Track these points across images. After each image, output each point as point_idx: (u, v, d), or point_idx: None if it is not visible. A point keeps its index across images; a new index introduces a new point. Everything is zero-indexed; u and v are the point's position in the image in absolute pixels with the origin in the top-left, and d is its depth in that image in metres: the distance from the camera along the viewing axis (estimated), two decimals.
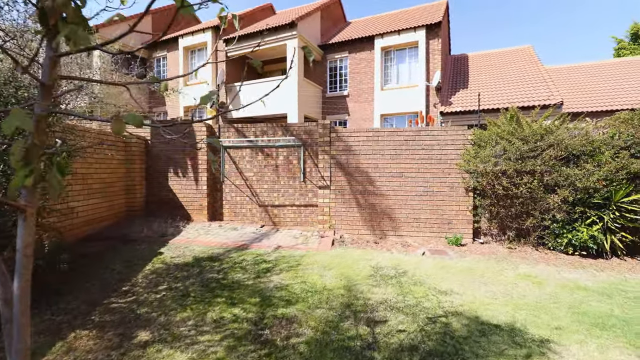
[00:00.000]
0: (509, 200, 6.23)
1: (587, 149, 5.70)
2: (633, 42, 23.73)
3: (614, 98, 13.01)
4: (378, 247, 6.28)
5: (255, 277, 4.58)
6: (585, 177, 5.55)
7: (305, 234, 6.99)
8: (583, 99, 13.80)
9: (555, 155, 5.75)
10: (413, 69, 14.67)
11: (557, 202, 5.78)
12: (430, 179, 6.87)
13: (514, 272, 5.07)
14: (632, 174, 5.46)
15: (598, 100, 13.11)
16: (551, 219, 5.97)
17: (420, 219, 6.91)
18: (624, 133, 5.67)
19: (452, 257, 5.72)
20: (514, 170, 5.89)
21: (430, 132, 6.89)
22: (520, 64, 15.33)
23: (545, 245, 6.25)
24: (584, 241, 5.72)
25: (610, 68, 15.74)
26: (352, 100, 15.94)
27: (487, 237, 6.81)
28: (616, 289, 4.47)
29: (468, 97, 13.83)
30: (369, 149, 7.10)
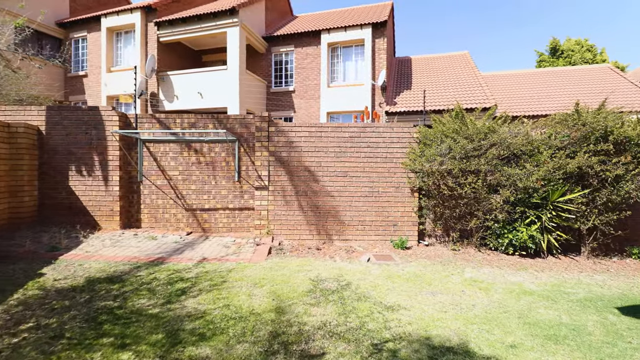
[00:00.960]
0: (454, 201, 6.04)
1: (527, 148, 5.69)
2: (552, 56, 26.60)
3: (538, 104, 14.10)
4: (320, 255, 5.65)
5: (165, 302, 3.64)
6: (525, 176, 5.51)
7: (239, 242, 6.12)
8: (512, 104, 14.78)
9: (498, 155, 5.65)
10: (359, 67, 14.47)
11: (499, 202, 5.69)
12: (376, 179, 6.45)
13: (461, 277, 4.79)
14: (567, 174, 5.55)
15: (525, 106, 14.10)
16: (493, 219, 5.89)
17: (365, 221, 6.45)
18: (560, 133, 5.77)
19: (398, 263, 5.31)
20: (459, 169, 5.69)
21: (376, 129, 6.47)
22: (458, 69, 15.99)
23: (487, 246, 6.18)
24: (524, 241, 5.71)
25: (533, 77, 17.17)
26: (298, 97, 15.28)
27: (431, 238, 6.59)
28: (558, 292, 4.37)
29: (412, 98, 13.99)
30: (312, 146, 6.46)
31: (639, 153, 5.31)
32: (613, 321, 3.53)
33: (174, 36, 14.03)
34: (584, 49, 25.39)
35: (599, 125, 5.34)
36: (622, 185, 5.37)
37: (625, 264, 6.03)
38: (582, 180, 5.72)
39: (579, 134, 5.54)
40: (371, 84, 13.75)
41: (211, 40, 15.17)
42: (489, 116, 6.09)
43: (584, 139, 5.55)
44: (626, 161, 5.26)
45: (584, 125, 5.51)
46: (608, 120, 5.33)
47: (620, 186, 5.39)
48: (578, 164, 5.35)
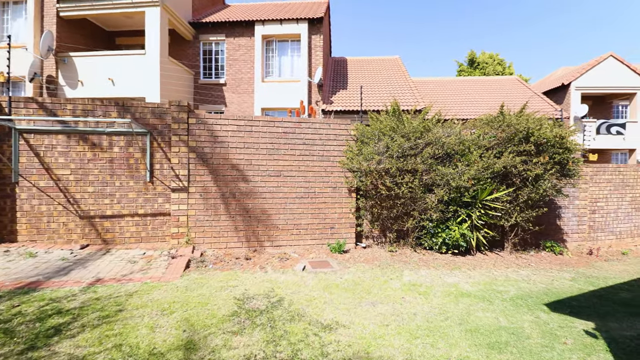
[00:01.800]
0: (391, 201, 5.85)
1: (459, 148, 5.75)
2: (469, 66, 29.42)
3: (461, 109, 15.20)
4: (250, 266, 4.95)
5: (26, 348, 2.62)
6: (458, 176, 5.54)
7: (151, 255, 5.10)
8: (438, 108, 15.73)
9: (433, 154, 5.60)
10: (296, 63, 13.97)
11: (434, 201, 5.64)
12: (312, 179, 5.97)
13: (400, 281, 4.54)
14: (495, 173, 5.72)
15: (450, 110, 15.08)
16: (428, 218, 5.84)
17: (301, 225, 5.93)
18: (488, 134, 5.96)
19: (336, 270, 4.89)
20: (396, 168, 5.50)
21: (312, 125, 5.99)
22: (391, 72, 16.51)
23: (422, 246, 6.13)
24: (456, 240, 5.76)
25: (456, 84, 18.58)
26: (230, 90, 14.18)
27: (369, 240, 6.34)
28: (492, 291, 4.36)
29: (348, 97, 13.95)
30: (241, 142, 5.72)
31: (555, 154, 5.71)
32: (545, 320, 3.54)
33: (78, 11, 11.87)
34: (496, 62, 28.58)
35: (522, 127, 5.62)
36: (541, 184, 5.72)
37: (541, 256, 6.50)
38: (507, 179, 5.98)
39: (504, 134, 5.77)
40: (308, 80, 13.34)
41: (127, 21, 13.26)
42: (423, 116, 6.04)
43: (508, 139, 5.80)
44: (544, 161, 5.61)
45: (509, 127, 5.75)
46: (530, 123, 5.63)
47: (539, 185, 5.74)
48: (504, 163, 5.54)
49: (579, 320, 3.60)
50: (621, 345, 3.04)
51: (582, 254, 7.17)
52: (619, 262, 6.79)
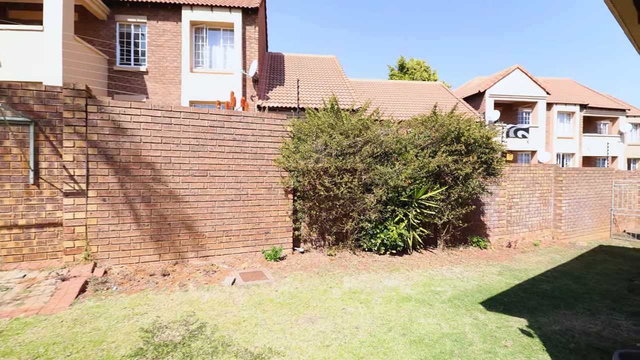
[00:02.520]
0: (330, 202, 5.54)
1: (397, 147, 5.67)
2: (400, 71, 31.11)
3: (393, 110, 15.76)
4: (167, 283, 4.18)
5: None
6: (396, 175, 5.45)
7: (33, 277, 4.00)
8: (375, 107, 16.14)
9: (372, 153, 5.42)
10: (229, 54, 13.01)
11: (373, 201, 5.48)
12: (244, 179, 5.37)
13: (340, 289, 4.23)
14: (429, 172, 5.77)
15: (385, 111, 15.56)
16: (367, 219, 5.67)
17: (231, 231, 5.28)
18: (423, 133, 6.00)
19: (271, 281, 4.39)
20: (335, 167, 5.19)
21: (244, 118, 5.38)
22: (328, 71, 16.45)
23: (361, 247, 5.95)
24: (394, 240, 5.68)
25: (389, 86, 19.33)
26: (152, 79, 12.64)
27: (307, 244, 5.96)
28: (431, 292, 4.30)
29: (285, 94, 13.46)
30: (158, 136, 4.86)
31: (482, 154, 5.99)
32: (483, 321, 3.51)
33: None
34: (422, 68, 30.68)
35: (454, 127, 5.76)
36: (470, 182, 5.94)
37: (469, 252, 6.82)
38: (439, 178, 6.11)
39: (438, 134, 5.86)
40: (242, 74, 12.51)
41: None
42: (361, 113, 5.85)
43: (441, 139, 5.92)
44: (473, 161, 5.83)
45: (442, 126, 5.86)
46: (460, 123, 5.80)
47: (469, 183, 5.96)
48: (438, 162, 5.62)
49: (513, 317, 3.66)
50: (554, 342, 3.10)
51: (502, 247, 7.74)
52: (533, 253, 7.48)
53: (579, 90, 24.10)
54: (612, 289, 5.04)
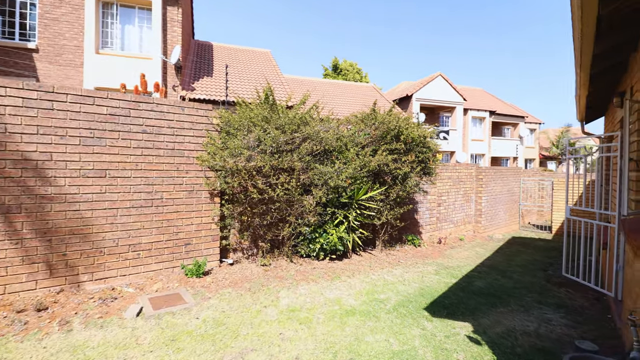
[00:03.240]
0: (264, 206, 4.90)
1: (337, 144, 5.28)
2: (334, 72, 31.50)
3: (329, 108, 15.65)
4: (41, 323, 3.10)
5: None
6: (336, 175, 5.05)
7: None
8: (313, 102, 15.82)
9: (311, 150, 4.93)
10: (146, 35, 11.35)
11: (312, 204, 5.00)
12: (159, 181, 4.43)
13: (276, 308, 3.64)
14: (370, 172, 5.51)
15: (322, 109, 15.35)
16: (305, 223, 5.17)
17: (140, 244, 4.30)
18: (363, 131, 5.72)
19: (191, 306, 3.59)
20: (270, 167, 4.57)
21: (158, 107, 4.43)
22: (261, 65, 15.62)
23: (299, 254, 5.44)
24: (334, 244, 5.29)
25: (324, 85, 19.23)
26: (45, 60, 10.39)
27: (237, 253, 5.23)
28: (375, 301, 3.97)
29: (213, 86, 12.31)
30: (33, 125, 3.67)
31: (420, 153, 5.94)
32: (431, 331, 3.27)
33: None
34: (355, 70, 31.52)
35: (393, 125, 5.59)
36: (408, 182, 5.85)
37: (405, 251, 6.80)
38: (379, 177, 5.90)
39: (378, 132, 5.63)
40: (162, 59, 11.02)
41: None
42: (299, 106, 5.33)
43: (381, 137, 5.71)
44: (411, 160, 5.74)
45: (382, 124, 5.65)
46: (400, 122, 5.66)
47: (407, 183, 5.86)
48: (378, 161, 5.38)
49: (458, 322, 3.50)
50: (502, 349, 2.97)
51: (434, 243, 7.96)
52: (460, 248, 7.82)
53: (488, 98, 27.15)
54: (534, 280, 5.37)
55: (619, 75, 4.05)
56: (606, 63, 3.43)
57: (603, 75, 3.91)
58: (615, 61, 3.48)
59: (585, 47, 2.74)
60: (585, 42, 2.62)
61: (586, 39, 2.60)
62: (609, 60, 3.40)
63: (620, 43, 3.07)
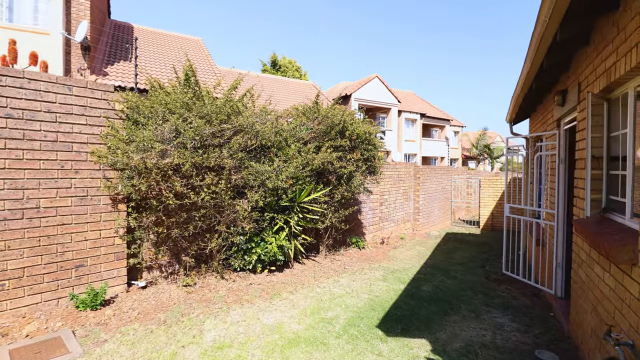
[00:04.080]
0: (186, 214, 3.99)
1: (276, 139, 4.58)
2: (272, 68, 30.47)
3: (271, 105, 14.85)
4: None
5: None
6: (275, 174, 4.36)
7: None
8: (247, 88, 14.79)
9: (245, 145, 4.16)
10: (42, 6, 9.25)
11: (246, 209, 4.23)
12: (32, 184, 3.26)
13: (199, 348, 2.83)
14: (313, 171, 4.92)
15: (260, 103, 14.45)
16: (239, 232, 4.39)
17: (5, 271, 3.11)
18: (305, 125, 5.11)
19: (75, 356, 2.60)
20: (192, 165, 3.69)
21: (31, 83, 3.25)
22: (192, 54, 14.10)
23: (231, 267, 4.63)
24: (274, 254, 4.60)
25: (264, 80, 18.30)
26: None
27: (153, 272, 4.22)
28: (322, 321, 3.39)
29: (132, 72, 10.62)
30: None
31: (365, 150, 5.54)
32: (387, 355, 2.79)
33: None
34: (294, 68, 30.94)
35: (338, 119, 5.09)
36: (353, 181, 5.42)
37: (350, 254, 6.39)
38: (322, 177, 5.37)
39: (321, 127, 5.08)
40: (63, 36, 9.08)
41: None
42: (229, 92, 4.50)
43: (325, 133, 5.17)
44: (357, 158, 5.31)
45: (326, 118, 5.11)
46: (346, 116, 5.18)
47: (352, 182, 5.42)
48: (322, 159, 4.83)
49: (414, 340, 3.10)
50: None
51: (377, 244, 7.74)
52: (403, 247, 7.72)
53: (419, 101, 28.82)
54: (475, 279, 5.34)
55: (557, 75, 4.08)
56: (556, 57, 3.33)
57: (546, 73, 3.88)
58: (560, 57, 3.42)
59: (549, 31, 2.50)
60: (551, 23, 2.36)
61: (553, 21, 2.35)
62: (558, 55, 3.30)
63: (569, 37, 2.95)
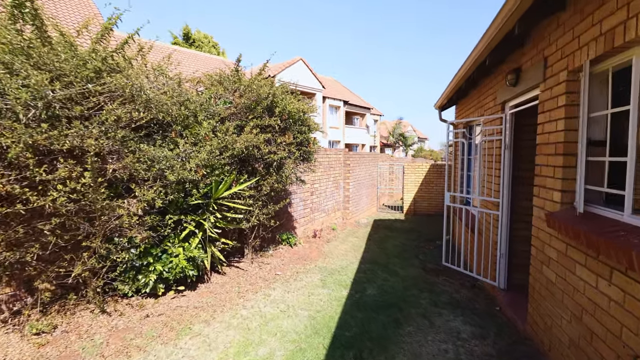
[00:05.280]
0: (23, 228, 2.53)
1: (181, 114, 3.31)
2: (185, 42, 26.88)
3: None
4: None
5: None
6: (181, 162, 3.14)
7: None
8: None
9: (129, 120, 2.82)
10: None
11: (136, 212, 2.94)
12: None
13: None
14: (235, 157, 3.80)
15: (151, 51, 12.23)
16: (124, 246, 3.08)
17: None
18: (222, 98, 3.91)
19: None
20: (28, 148, 2.27)
21: None
22: (77, 10, 11.07)
23: (119, 292, 3.30)
24: (182, 269, 3.42)
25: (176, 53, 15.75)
26: None
27: None
28: None
29: None
30: None
31: (298, 133, 4.58)
32: None
33: None
34: (211, 44, 27.93)
35: (266, 93, 4.02)
36: (285, 170, 4.46)
37: (281, 254, 5.50)
38: (246, 165, 4.28)
39: (243, 101, 3.95)
40: None
41: None
42: (100, 37, 3.04)
43: (249, 109, 4.05)
44: (289, 142, 4.34)
45: (250, 91, 3.99)
46: (275, 88, 4.13)
47: (283, 171, 4.46)
48: (247, 142, 3.74)
49: None
50: None
51: (309, 237, 7.01)
52: (336, 240, 7.15)
53: (341, 88, 28.92)
54: (415, 273, 5.00)
55: (507, 53, 3.74)
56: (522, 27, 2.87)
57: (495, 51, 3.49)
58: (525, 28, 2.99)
59: None
60: None
61: None
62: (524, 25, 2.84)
63: None
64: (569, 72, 2.51)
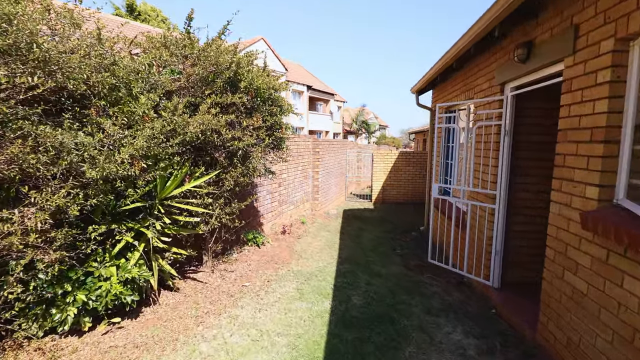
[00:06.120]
0: None
1: (105, 82, 2.36)
2: (129, 14, 23.93)
3: None
4: None
5: None
6: (106, 152, 2.24)
7: None
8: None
9: (15, 87, 1.86)
10: None
11: (32, 226, 2.02)
12: None
13: None
14: (188, 145, 2.92)
15: None
16: (31, 276, 2.16)
17: None
18: (170, 67, 2.97)
19: None
20: None
21: None
22: None
23: (27, 332, 2.37)
24: (115, 296, 2.56)
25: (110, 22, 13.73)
26: None
27: None
28: None
29: None
30: None
31: (269, 115, 3.75)
32: None
33: None
34: (160, 18, 25.26)
35: (227, 62, 3.14)
36: (252, 160, 3.65)
37: (247, 257, 4.74)
38: (203, 154, 3.41)
39: (198, 70, 3.04)
40: None
41: None
42: None
43: (205, 82, 3.16)
44: (257, 125, 3.51)
45: (206, 58, 3.08)
46: (239, 58, 3.26)
47: (250, 162, 3.65)
48: (203, 125, 2.88)
49: None
50: None
51: (277, 234, 6.30)
52: (307, 236, 6.54)
53: (305, 73, 27.87)
54: (398, 271, 4.58)
55: (516, 24, 3.22)
56: None
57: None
58: None
59: None
60: None
61: None
62: None
63: None
64: (616, 40, 2.02)
